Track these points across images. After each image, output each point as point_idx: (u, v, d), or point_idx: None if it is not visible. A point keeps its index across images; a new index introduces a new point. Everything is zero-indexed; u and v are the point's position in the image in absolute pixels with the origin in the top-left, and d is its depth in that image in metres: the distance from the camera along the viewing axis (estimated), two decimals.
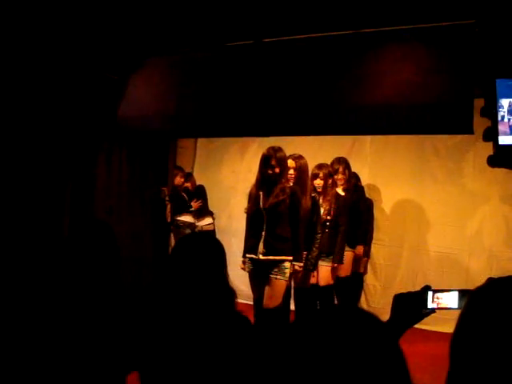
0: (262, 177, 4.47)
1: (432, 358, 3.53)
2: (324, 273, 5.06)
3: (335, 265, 5.08)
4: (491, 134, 3.75)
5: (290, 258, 4.38)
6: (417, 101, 3.98)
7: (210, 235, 2.24)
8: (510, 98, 3.69)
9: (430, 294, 1.50)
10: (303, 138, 6.48)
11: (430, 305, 1.50)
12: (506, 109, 3.69)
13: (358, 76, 4.27)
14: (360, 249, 5.67)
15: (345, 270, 5.36)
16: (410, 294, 1.52)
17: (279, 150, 4.45)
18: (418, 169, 6.08)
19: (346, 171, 5.44)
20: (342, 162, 5.46)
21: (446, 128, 4.04)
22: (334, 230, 5.08)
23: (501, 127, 3.71)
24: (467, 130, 3.81)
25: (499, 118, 3.71)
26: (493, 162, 3.87)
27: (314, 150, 6.19)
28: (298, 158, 4.81)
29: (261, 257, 4.39)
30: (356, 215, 5.46)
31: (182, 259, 2.03)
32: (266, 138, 6.45)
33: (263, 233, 4.41)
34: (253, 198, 4.53)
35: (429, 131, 4.53)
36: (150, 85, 5.32)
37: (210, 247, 2.08)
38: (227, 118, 4.84)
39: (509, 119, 3.69)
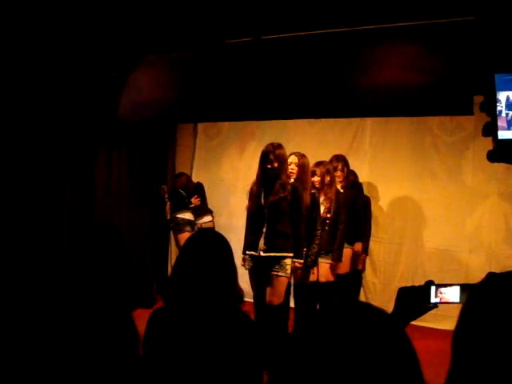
0: (262, 173, 4.47)
1: (431, 354, 3.52)
2: (325, 270, 5.07)
3: (333, 263, 5.09)
4: (490, 129, 3.76)
5: (291, 254, 4.38)
6: (416, 82, 4.03)
7: (218, 234, 2.23)
8: (507, 93, 3.69)
9: (433, 288, 1.52)
10: (303, 135, 6.51)
11: (433, 299, 1.51)
12: (503, 103, 3.69)
13: (356, 66, 4.34)
14: (358, 246, 5.66)
15: (343, 267, 5.36)
16: (413, 287, 1.53)
17: (278, 146, 4.45)
18: (418, 166, 6.09)
19: (345, 169, 5.45)
20: (341, 159, 5.47)
21: (445, 109, 4.10)
22: (333, 228, 5.09)
23: (499, 122, 3.72)
24: (467, 110, 3.84)
25: (497, 113, 3.72)
26: (492, 157, 3.88)
27: (313, 148, 6.20)
28: (301, 155, 4.84)
29: (261, 253, 4.39)
30: (354, 212, 5.47)
31: (193, 257, 2.02)
32: (265, 136, 6.47)
33: (264, 229, 4.41)
34: (254, 196, 4.53)
35: (428, 112, 4.59)
36: (149, 79, 5.37)
37: (220, 246, 2.08)
38: (226, 103, 4.91)
39: (507, 114, 3.70)
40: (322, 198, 5.06)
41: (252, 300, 4.68)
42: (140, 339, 1.96)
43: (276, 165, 4.38)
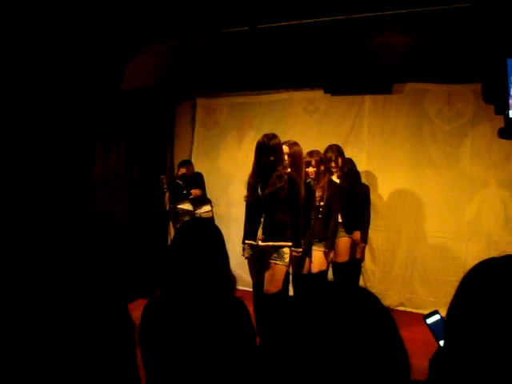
0: (257, 165, 4.46)
1: (428, 343, 3.54)
2: (317, 258, 5.08)
3: (326, 250, 5.11)
4: (501, 108, 4.04)
5: (289, 243, 4.39)
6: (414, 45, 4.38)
7: (209, 221, 2.25)
8: None
9: None
10: (301, 125, 6.50)
11: None
12: None
13: (350, 53, 4.56)
14: (357, 234, 5.65)
15: (342, 255, 5.37)
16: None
17: (273, 137, 4.41)
18: (416, 154, 6.08)
19: (339, 159, 5.45)
20: (335, 150, 5.46)
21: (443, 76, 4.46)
22: (326, 216, 5.10)
23: (511, 101, 4.02)
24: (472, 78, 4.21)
25: (511, 93, 4.01)
26: (503, 134, 4.18)
27: (312, 137, 6.19)
28: (292, 144, 4.81)
29: (260, 243, 4.40)
30: (351, 201, 5.46)
31: (184, 245, 2.04)
32: (263, 126, 6.46)
33: (262, 219, 4.42)
34: (251, 187, 4.53)
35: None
36: (145, 63, 5.46)
37: (211, 233, 2.09)
38: (224, 74, 5.15)
39: None
40: (315, 187, 5.08)
41: (251, 289, 4.71)
42: (136, 329, 1.97)
43: (272, 158, 4.36)
